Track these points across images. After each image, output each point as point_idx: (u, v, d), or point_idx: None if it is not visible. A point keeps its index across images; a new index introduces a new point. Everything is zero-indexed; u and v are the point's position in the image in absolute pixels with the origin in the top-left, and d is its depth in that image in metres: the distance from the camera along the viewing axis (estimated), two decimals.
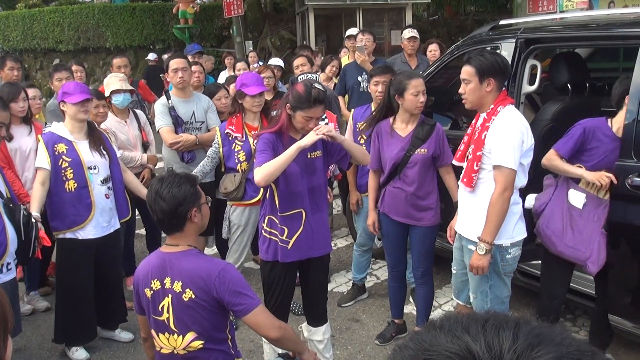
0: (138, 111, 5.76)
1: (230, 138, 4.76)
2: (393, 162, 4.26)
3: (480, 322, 0.78)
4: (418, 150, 4.20)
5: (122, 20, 18.78)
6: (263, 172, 3.42)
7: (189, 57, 7.78)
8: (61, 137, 4.41)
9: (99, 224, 4.49)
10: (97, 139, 4.54)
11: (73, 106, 4.39)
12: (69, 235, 4.43)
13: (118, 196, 4.64)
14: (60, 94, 4.48)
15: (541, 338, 0.74)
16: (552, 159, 3.81)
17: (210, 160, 4.92)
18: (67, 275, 4.52)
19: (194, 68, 6.40)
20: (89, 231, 4.46)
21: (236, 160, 4.75)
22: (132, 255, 5.82)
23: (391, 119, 4.36)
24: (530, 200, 4.03)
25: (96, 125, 4.73)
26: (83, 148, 4.44)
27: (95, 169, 4.45)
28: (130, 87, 5.70)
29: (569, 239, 3.75)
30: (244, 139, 4.75)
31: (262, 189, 4.30)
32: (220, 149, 4.79)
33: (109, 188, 4.55)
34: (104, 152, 4.53)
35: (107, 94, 5.34)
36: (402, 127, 4.31)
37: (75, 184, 4.37)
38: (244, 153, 4.73)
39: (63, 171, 4.35)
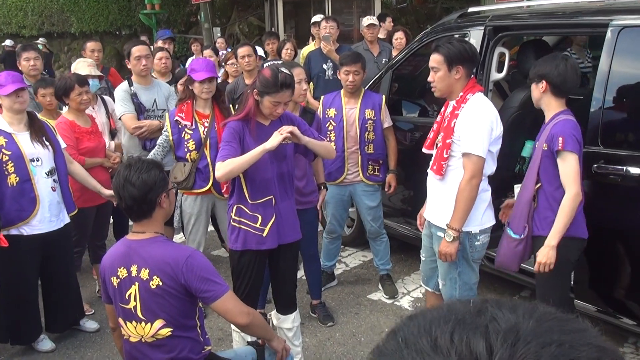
0: (106, 98, 5.62)
1: (180, 126, 4.59)
2: None
3: (447, 331, 0.71)
4: None
5: (87, 5, 18.44)
6: (224, 170, 3.41)
7: (160, 43, 7.69)
8: None
9: (46, 218, 4.27)
10: (39, 129, 4.30)
11: (7, 98, 4.15)
12: (13, 232, 4.17)
13: (64, 189, 4.41)
14: None
15: (519, 344, 0.67)
16: None
17: (162, 148, 4.71)
18: (12, 274, 4.29)
19: (160, 54, 6.30)
20: (35, 226, 4.24)
21: (185, 149, 4.59)
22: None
23: None
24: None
25: (37, 115, 4.49)
26: (23, 140, 4.20)
27: (38, 160, 4.22)
28: (99, 73, 5.60)
29: None
30: (194, 127, 4.58)
31: (212, 178, 4.30)
32: (170, 137, 4.63)
33: (54, 180, 4.33)
34: (47, 143, 4.29)
35: None
36: None
37: (17, 178, 4.12)
38: (193, 142, 4.57)
39: (4, 165, 4.10)
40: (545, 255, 3.43)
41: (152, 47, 7.34)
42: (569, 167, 3.42)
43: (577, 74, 3.55)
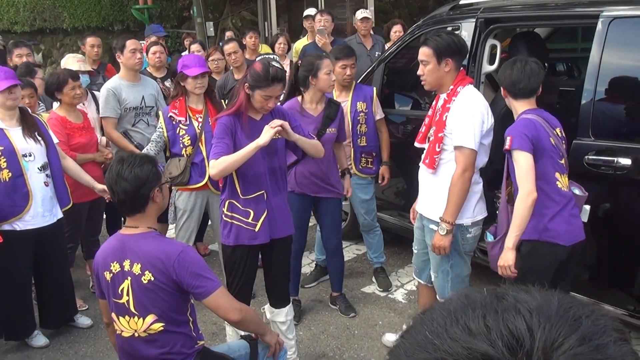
0: (97, 93, 5.61)
1: (174, 122, 4.56)
2: None
3: (478, 317, 0.69)
4: (329, 129, 4.37)
5: (79, 0, 18.33)
6: (219, 167, 3.42)
7: (155, 39, 7.67)
8: None
9: (39, 213, 4.26)
10: (31, 124, 4.29)
11: (0, 94, 4.14)
12: (6, 227, 4.17)
13: (57, 184, 4.40)
14: None
15: (554, 321, 0.67)
16: None
17: (155, 144, 4.64)
18: (5, 269, 4.27)
19: (155, 48, 6.33)
20: (28, 221, 4.22)
21: (181, 145, 4.56)
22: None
23: (299, 99, 4.42)
24: None
25: (29, 110, 4.46)
26: (16, 135, 4.19)
27: (30, 156, 4.21)
28: (88, 68, 5.58)
29: None
30: (188, 122, 4.56)
31: (208, 173, 4.32)
32: (165, 133, 4.58)
33: (47, 175, 4.32)
34: (39, 138, 4.28)
35: None
36: (313, 107, 4.41)
37: (10, 174, 4.11)
38: (188, 137, 4.55)
39: None
40: (503, 257, 3.32)
41: (143, 42, 7.33)
42: (517, 166, 3.26)
43: (527, 74, 3.34)
